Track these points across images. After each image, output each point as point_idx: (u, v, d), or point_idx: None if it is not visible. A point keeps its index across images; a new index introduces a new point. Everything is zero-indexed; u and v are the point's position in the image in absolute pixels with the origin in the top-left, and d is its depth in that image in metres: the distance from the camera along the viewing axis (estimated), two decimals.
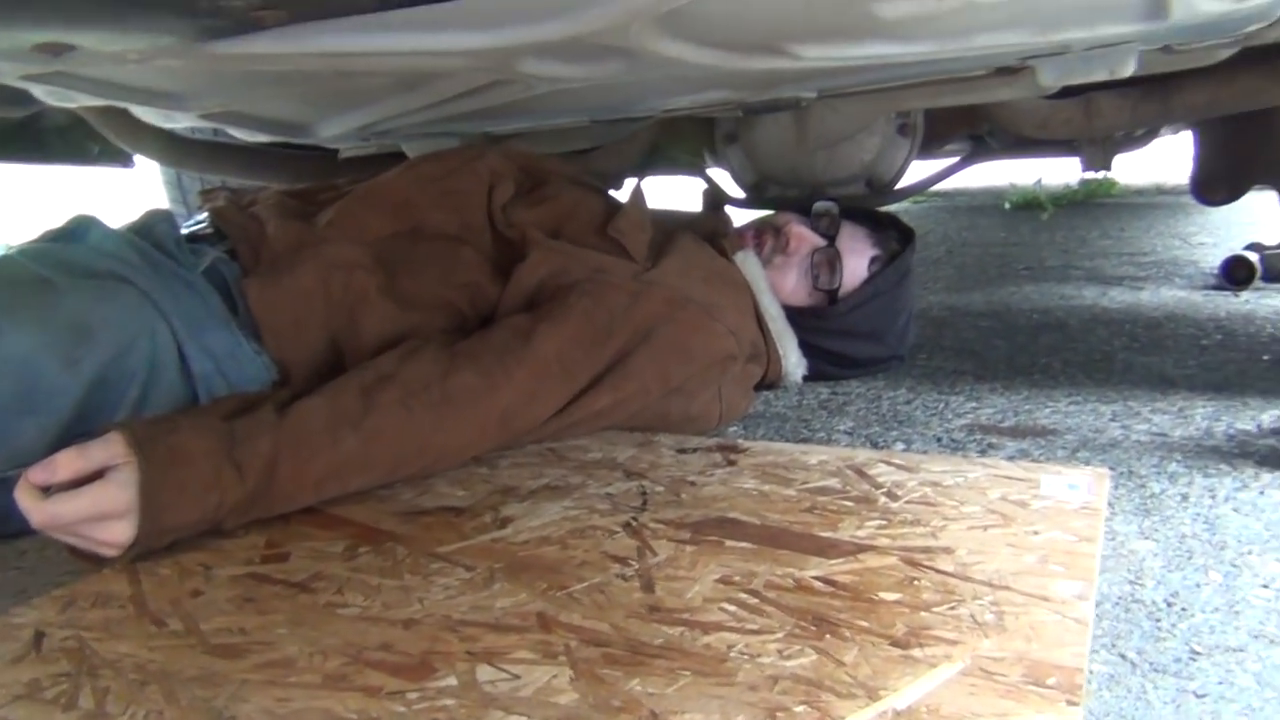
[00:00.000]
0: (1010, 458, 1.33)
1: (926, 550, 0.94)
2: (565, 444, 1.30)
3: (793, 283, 1.68)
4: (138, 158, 2.19)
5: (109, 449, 0.97)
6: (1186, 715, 0.75)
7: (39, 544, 1.15)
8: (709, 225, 1.69)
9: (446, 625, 0.84)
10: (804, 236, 1.68)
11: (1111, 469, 1.26)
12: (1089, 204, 4.82)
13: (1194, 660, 0.83)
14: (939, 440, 1.42)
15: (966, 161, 2.37)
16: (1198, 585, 0.96)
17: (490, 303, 1.38)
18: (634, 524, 1.03)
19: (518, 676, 0.76)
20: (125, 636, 0.84)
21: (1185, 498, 1.17)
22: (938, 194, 5.44)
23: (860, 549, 0.95)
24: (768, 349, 1.62)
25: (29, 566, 1.13)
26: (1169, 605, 0.92)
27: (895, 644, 0.78)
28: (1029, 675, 0.73)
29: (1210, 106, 1.63)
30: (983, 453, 1.36)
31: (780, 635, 0.80)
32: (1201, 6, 1.11)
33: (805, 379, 1.71)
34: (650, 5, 1.02)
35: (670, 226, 1.59)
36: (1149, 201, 4.77)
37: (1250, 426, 1.43)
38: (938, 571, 0.90)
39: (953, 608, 0.83)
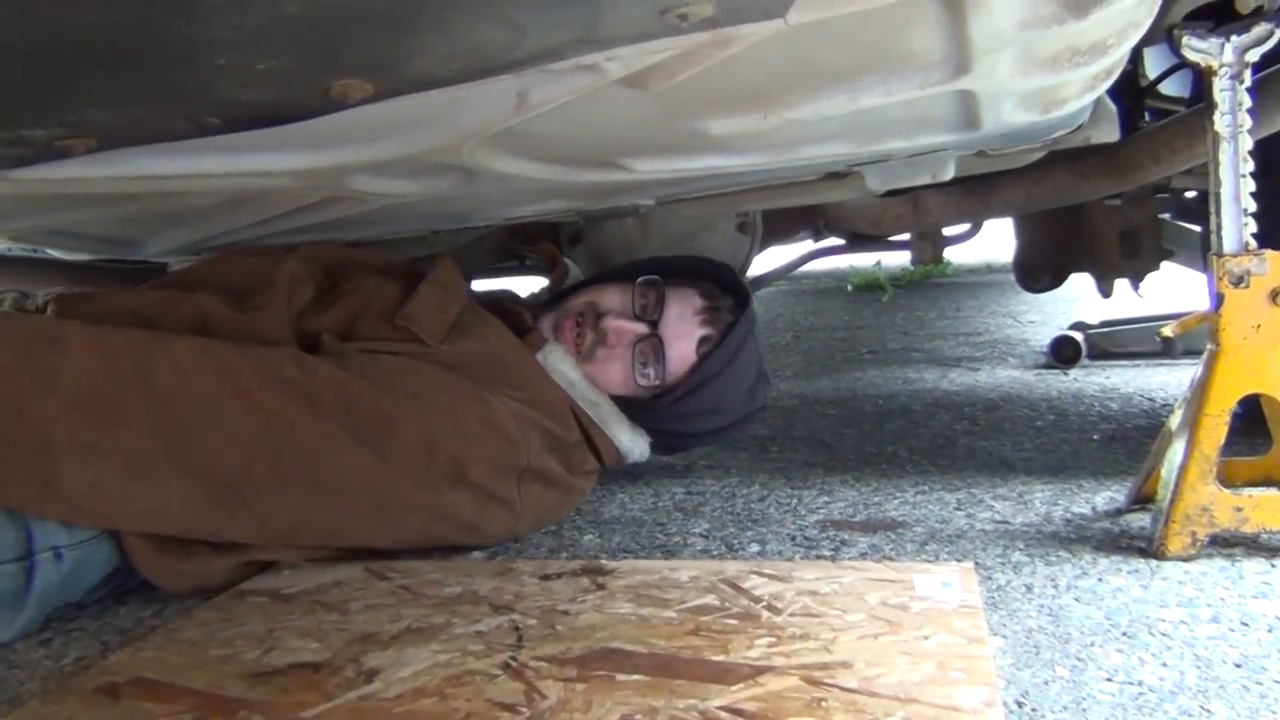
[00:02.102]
0: (863, 554, 1.34)
1: (824, 666, 0.93)
2: (420, 579, 1.24)
3: (616, 376, 1.62)
4: None
5: None
6: None
7: None
8: (515, 319, 1.62)
9: None
10: (623, 331, 1.60)
11: (960, 560, 1.28)
12: (926, 284, 5.03)
13: None
14: (793, 539, 1.43)
15: (809, 256, 2.45)
16: (1046, 682, 0.97)
17: None
18: (514, 664, 0.98)
19: None
20: None
21: (1029, 589, 1.19)
22: (785, 278, 5.60)
23: (758, 671, 0.93)
24: (591, 437, 1.60)
25: None
26: (1020, 706, 0.93)
27: None
28: None
29: (1028, 202, 1.72)
30: (835, 550, 1.36)
31: None
32: (1008, 118, 1.16)
33: (656, 453, 1.69)
34: (480, 127, 1.02)
35: (479, 310, 1.56)
36: (981, 280, 5.01)
37: (1086, 509, 1.48)
38: (842, 689, 0.89)
39: None
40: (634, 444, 1.63)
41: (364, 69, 0.82)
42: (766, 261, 2.50)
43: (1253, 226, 1.26)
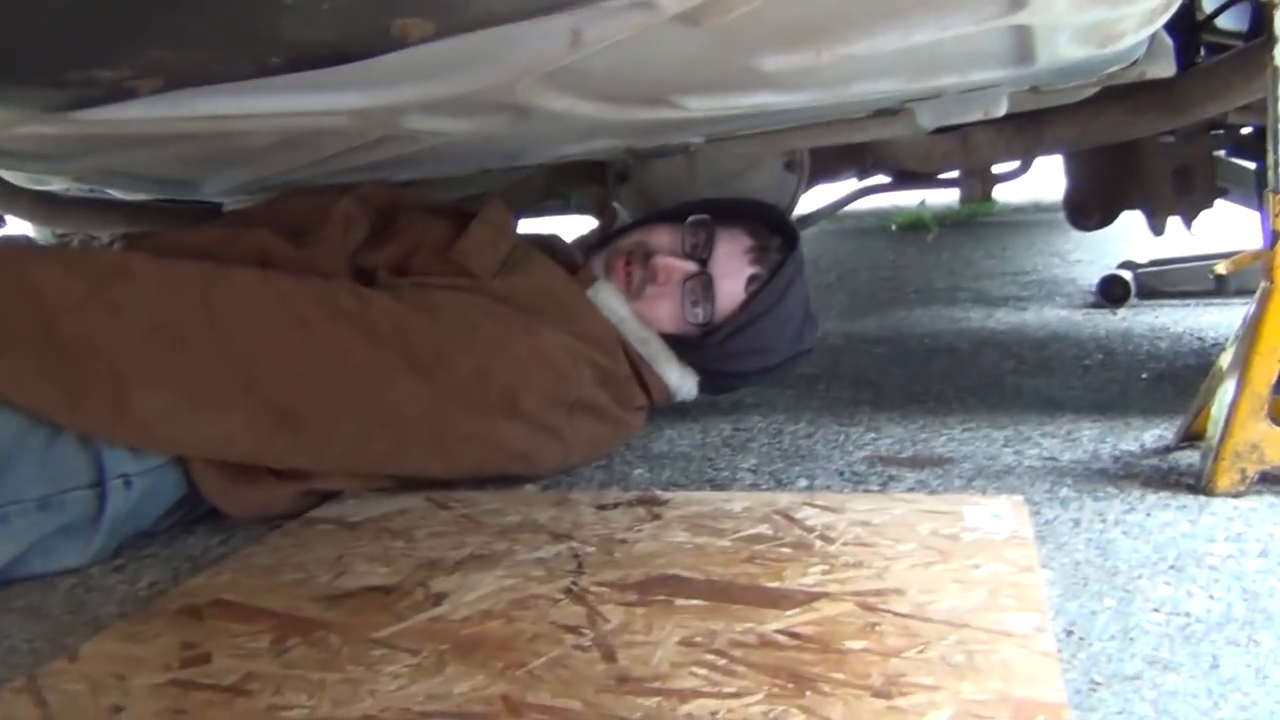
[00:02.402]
0: (910, 489, 1.35)
1: (878, 593, 0.95)
2: (480, 508, 1.28)
3: (664, 313, 1.64)
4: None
5: None
6: None
7: None
8: (566, 257, 1.65)
9: (406, 719, 0.79)
10: (673, 268, 1.62)
11: (1007, 495, 1.29)
12: (971, 223, 4.97)
13: (1094, 691, 0.85)
14: (841, 474, 1.45)
15: (856, 194, 2.43)
16: (1094, 613, 0.98)
17: None
18: (575, 589, 1.01)
19: None
20: None
21: (1077, 523, 1.21)
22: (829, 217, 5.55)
23: (812, 597, 0.95)
24: (641, 373, 1.62)
25: None
26: (1068, 634, 0.95)
27: (877, 695, 0.78)
28: (1017, 715, 0.74)
29: (1080, 139, 1.70)
30: (883, 485, 1.38)
31: (760, 696, 0.79)
32: (1064, 53, 1.15)
33: (704, 393, 1.71)
34: (535, 65, 1.03)
35: (530, 249, 1.58)
36: (1028, 219, 4.95)
37: (1134, 447, 1.48)
38: (896, 614, 0.91)
39: (921, 651, 0.84)
40: (682, 382, 1.66)
41: (425, 7, 0.84)
42: (813, 200, 2.50)
43: None
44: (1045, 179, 3.61)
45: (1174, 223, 2.33)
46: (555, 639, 0.91)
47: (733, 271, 1.63)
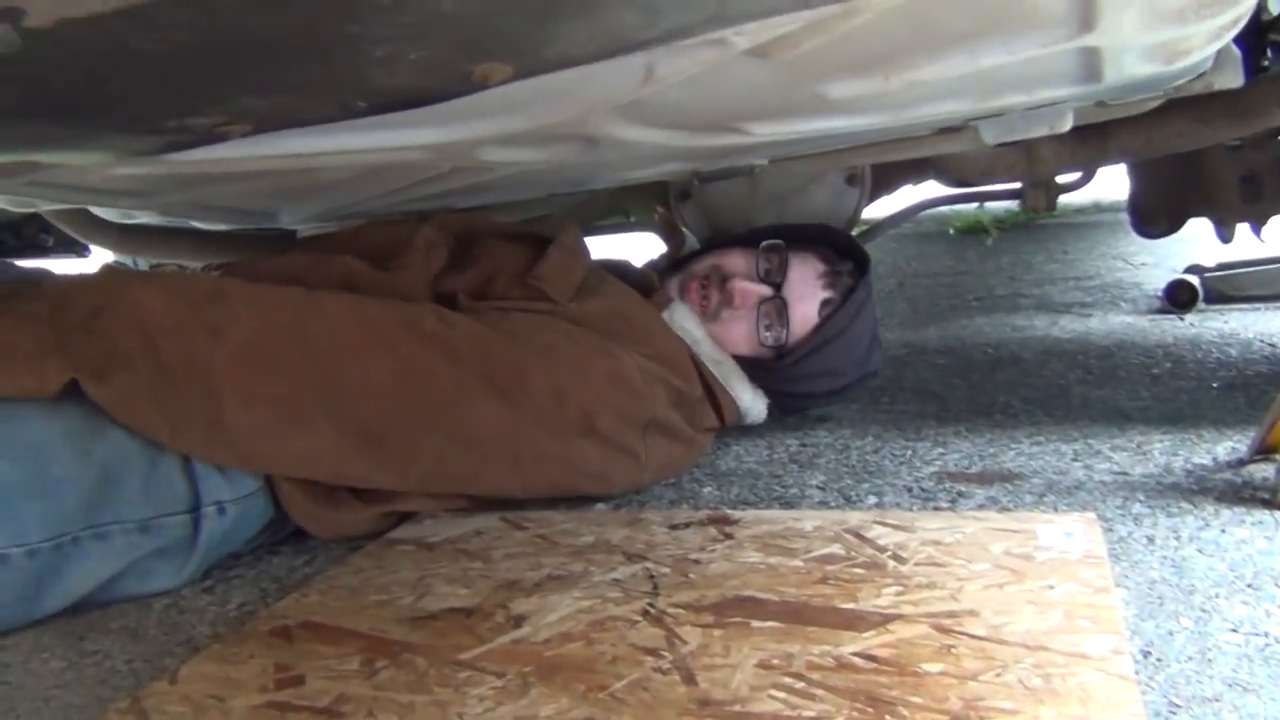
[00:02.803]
0: (980, 505, 1.36)
1: (952, 615, 0.96)
2: (554, 529, 1.31)
3: (739, 335, 1.69)
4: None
5: None
6: None
7: (23, 655, 1.14)
8: (641, 280, 1.69)
9: None
10: (748, 292, 1.67)
11: (1079, 512, 1.30)
12: (1031, 225, 4.93)
13: (1174, 714, 0.85)
14: (909, 491, 1.46)
15: (920, 206, 2.44)
16: (1170, 633, 0.99)
17: None
18: (652, 611, 1.03)
19: None
20: None
21: (1151, 540, 1.21)
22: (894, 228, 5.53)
23: (887, 619, 0.96)
24: (714, 394, 1.65)
25: (15, 681, 1.12)
26: (1145, 656, 0.95)
27: (955, 718, 0.79)
28: None
29: (1144, 149, 1.69)
30: (953, 501, 1.39)
31: None
32: (1131, 70, 1.16)
33: (772, 414, 1.74)
34: (607, 99, 1.05)
35: (605, 274, 1.62)
36: (1089, 220, 4.89)
37: (1206, 460, 1.47)
38: (971, 637, 0.92)
39: (998, 674, 0.85)
40: (754, 403, 1.69)
41: (505, 54, 0.87)
42: (878, 209, 2.51)
43: None
44: (1105, 179, 3.58)
45: (1243, 229, 2.31)
46: (635, 661, 0.93)
47: (807, 295, 1.68)
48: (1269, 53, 2.02)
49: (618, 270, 1.66)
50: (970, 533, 1.15)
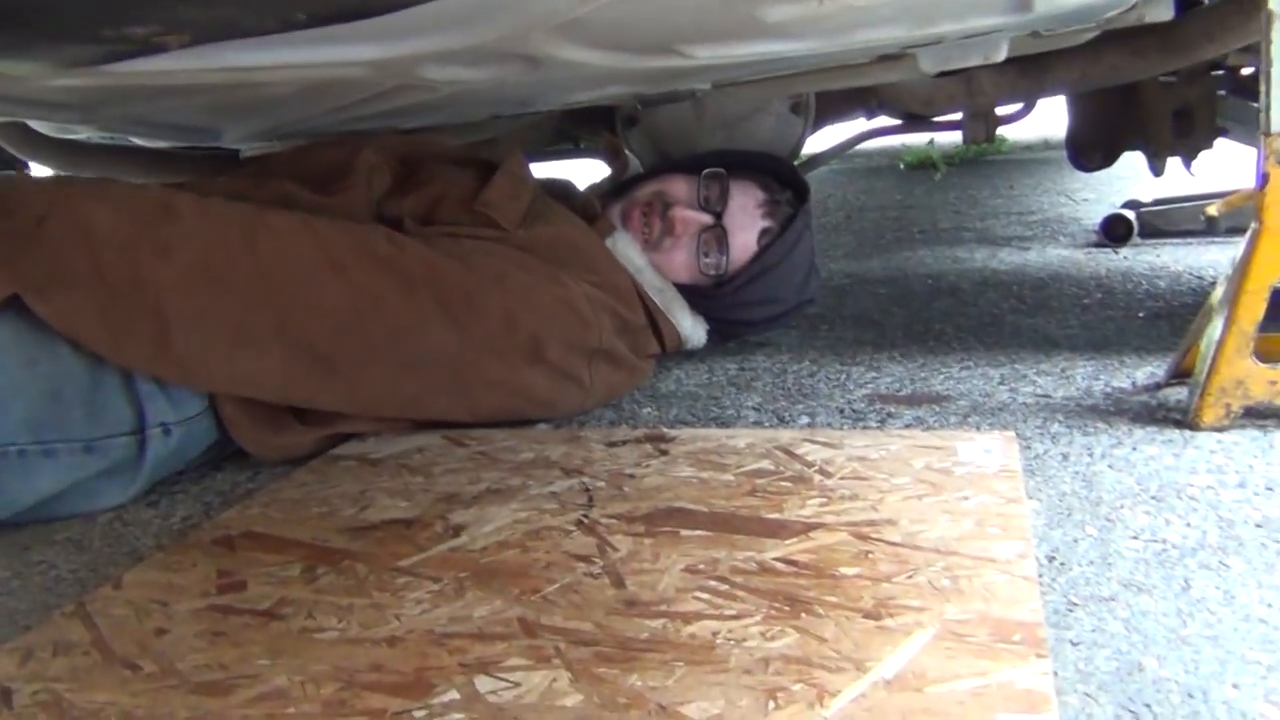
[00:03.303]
0: (908, 425, 1.41)
1: (871, 523, 1.01)
2: (495, 445, 1.34)
3: (680, 263, 1.71)
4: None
5: None
6: (1062, 663, 0.83)
7: None
8: (584, 206, 1.70)
9: (432, 640, 0.85)
10: (689, 220, 1.68)
11: (1000, 431, 1.35)
12: (980, 162, 4.98)
13: (1071, 611, 0.91)
14: (841, 412, 1.50)
15: (862, 137, 2.46)
16: (1075, 540, 1.04)
17: None
18: (586, 521, 1.07)
19: (518, 684, 0.77)
20: (100, 685, 0.82)
21: (1066, 457, 1.26)
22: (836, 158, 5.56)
23: (810, 528, 1.01)
24: (656, 321, 1.68)
25: None
26: (1050, 560, 1.01)
27: (867, 616, 0.84)
28: (996, 634, 0.80)
29: (1081, 81, 1.73)
30: (882, 422, 1.44)
31: (759, 618, 0.85)
32: (1061, 0, 1.19)
33: (712, 340, 1.78)
34: (547, 17, 1.07)
35: (550, 200, 1.63)
36: (1037, 157, 4.95)
37: (1126, 384, 1.53)
38: (888, 543, 0.97)
39: (910, 576, 0.90)
40: (694, 330, 1.73)
41: None
42: (820, 142, 2.53)
43: None
44: (1050, 115, 3.63)
45: (1175, 163, 2.36)
46: (567, 567, 0.97)
47: (746, 224, 1.71)
48: None
49: (561, 195, 1.67)
50: (894, 449, 1.20)
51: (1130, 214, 2.61)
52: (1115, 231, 2.59)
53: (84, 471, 1.25)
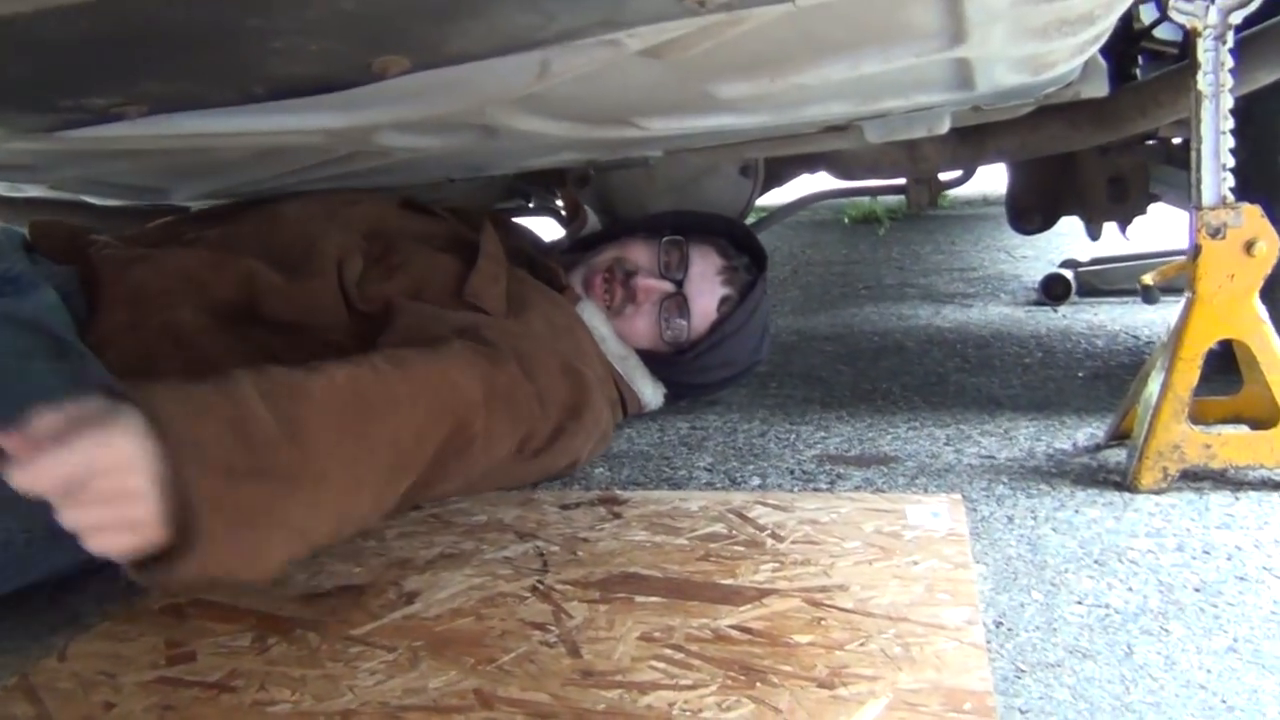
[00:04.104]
0: (857, 486, 1.43)
1: (824, 589, 1.03)
2: (447, 508, 1.34)
3: (642, 330, 1.72)
4: None
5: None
6: None
7: None
8: (549, 275, 1.68)
9: (386, 713, 0.85)
10: (651, 289, 1.69)
11: (947, 493, 1.38)
12: (922, 217, 5.07)
13: (1019, 678, 0.93)
14: (792, 472, 1.52)
15: (808, 199, 2.52)
16: (1022, 605, 1.07)
17: None
18: (541, 587, 1.07)
19: None
20: None
21: (1010, 519, 1.29)
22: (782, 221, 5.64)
23: (763, 593, 1.03)
24: (620, 390, 1.70)
25: None
26: (998, 626, 1.03)
27: (821, 685, 0.85)
28: (947, 703, 0.82)
29: (1021, 150, 1.79)
30: (832, 482, 1.46)
31: (714, 688, 0.86)
32: (1001, 80, 1.23)
33: (666, 399, 1.80)
34: (504, 92, 1.08)
35: (520, 274, 1.61)
36: (977, 213, 5.06)
37: (1067, 445, 1.57)
38: (840, 609, 0.98)
39: (862, 644, 0.92)
40: (654, 395, 1.75)
41: (404, 48, 0.89)
42: (769, 200, 2.58)
43: (1231, 181, 1.33)
44: (991, 176, 3.72)
45: (1111, 227, 2.44)
46: (523, 635, 0.97)
47: (706, 291, 1.73)
48: (1140, 60, 2.14)
49: (527, 263, 1.67)
50: (845, 512, 1.22)
51: (1068, 273, 2.68)
52: (1054, 290, 2.66)
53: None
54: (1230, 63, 1.30)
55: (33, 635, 1.12)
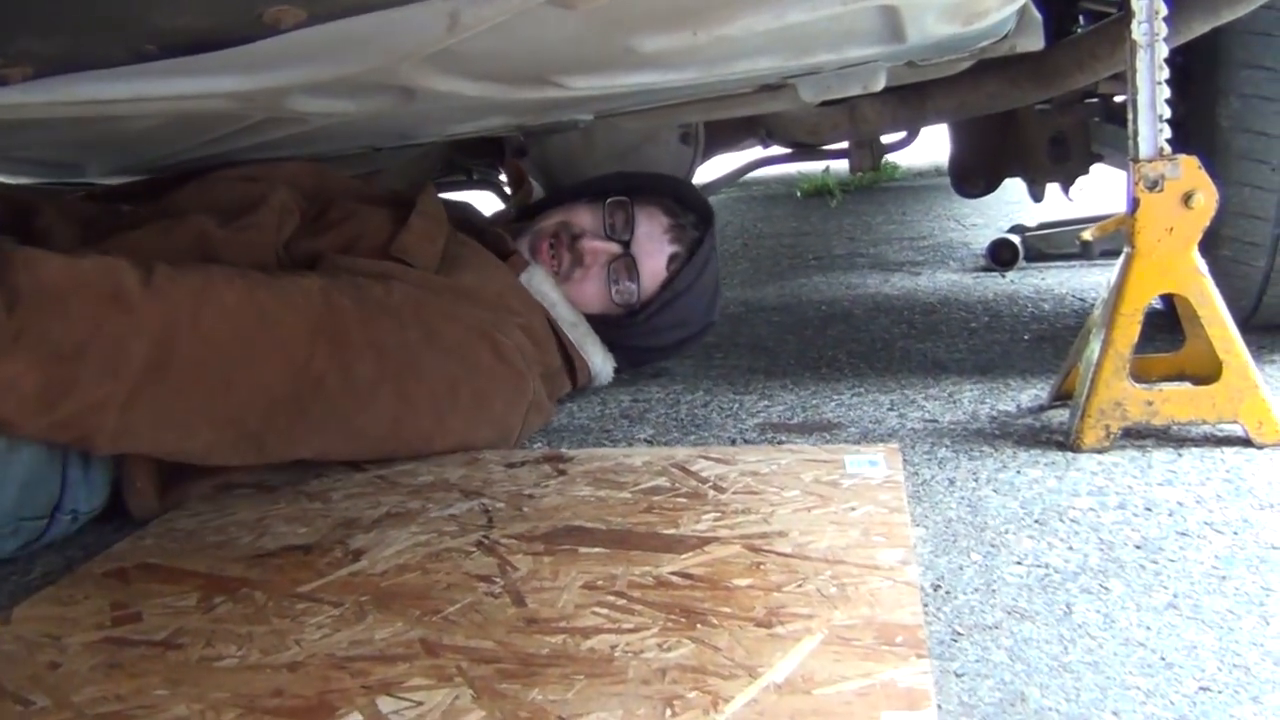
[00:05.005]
0: None
1: (764, 536, 1.03)
2: (393, 469, 1.32)
3: (592, 294, 1.69)
4: None
5: None
6: (947, 695, 0.82)
7: None
8: (495, 241, 1.65)
9: (333, 663, 0.84)
10: (598, 250, 1.67)
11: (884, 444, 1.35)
12: (874, 188, 5.07)
13: (955, 641, 0.90)
14: (733, 442, 1.49)
15: (751, 165, 2.48)
16: (960, 568, 1.04)
17: None
18: (486, 541, 1.07)
19: (420, 703, 0.78)
20: None
21: (952, 482, 1.27)
22: (736, 184, 5.61)
23: (704, 541, 1.02)
24: (570, 358, 1.65)
25: None
26: (935, 589, 1.00)
27: (759, 624, 0.86)
28: (880, 637, 0.83)
29: (961, 109, 1.76)
30: None
31: (655, 630, 0.86)
32: (932, 30, 1.20)
33: (620, 370, 1.76)
34: (415, 48, 1.04)
35: (462, 237, 1.59)
36: (928, 183, 5.06)
37: (1011, 407, 1.55)
38: (778, 554, 0.99)
39: (799, 585, 0.92)
40: (604, 366, 1.71)
41: None
42: (712, 170, 2.54)
43: (1168, 132, 1.31)
44: (944, 144, 3.71)
45: (1054, 189, 2.42)
46: (468, 587, 0.97)
47: (654, 251, 1.70)
48: (1080, 19, 2.12)
49: (473, 229, 1.63)
50: (785, 463, 1.22)
51: (1015, 238, 2.67)
52: (1001, 256, 2.64)
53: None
54: (1164, 10, 1.27)
55: None
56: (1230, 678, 0.82)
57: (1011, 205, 3.70)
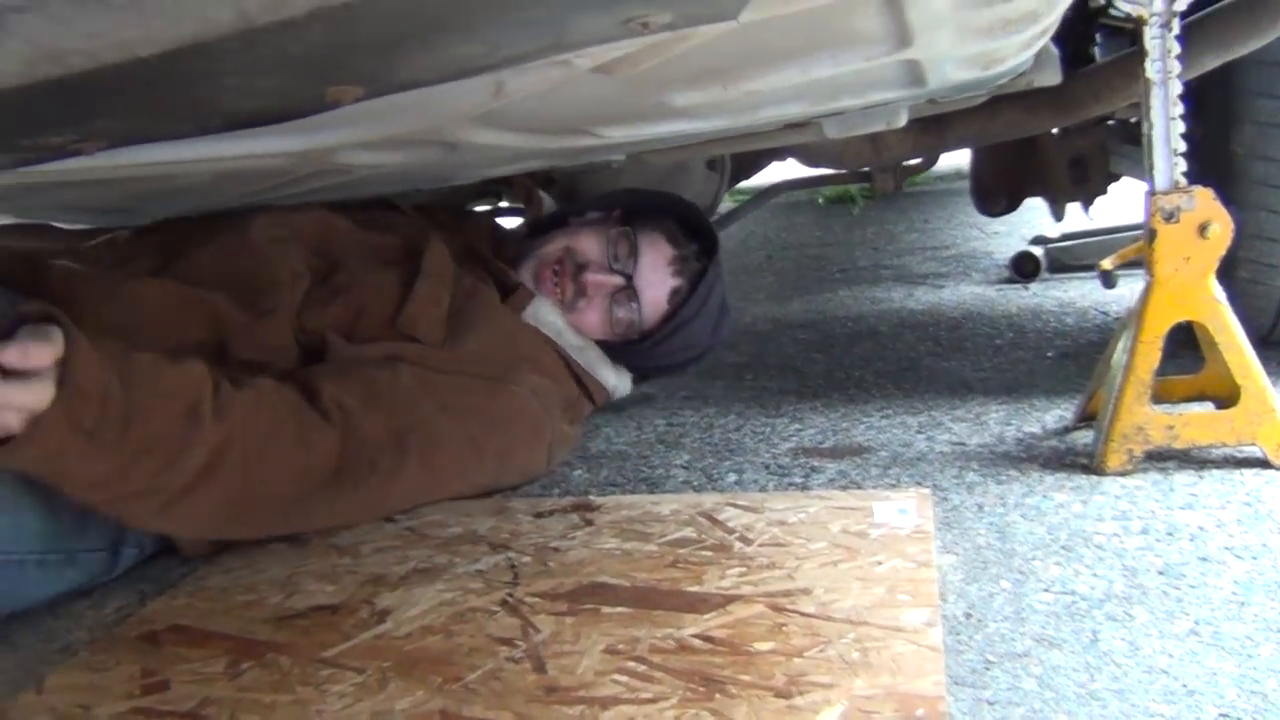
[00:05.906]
0: (831, 479, 1.45)
1: (787, 594, 1.04)
2: (423, 520, 1.36)
3: (594, 322, 1.71)
4: None
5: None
6: None
7: None
8: (499, 275, 1.68)
9: None
10: (600, 284, 1.69)
11: (919, 484, 1.40)
12: (896, 194, 5.08)
13: (988, 670, 0.95)
14: (767, 467, 1.54)
15: (775, 189, 2.53)
16: (991, 595, 1.09)
17: None
18: (510, 600, 1.09)
19: None
20: None
21: (981, 508, 1.32)
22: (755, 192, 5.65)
23: (728, 600, 1.04)
24: (584, 382, 1.70)
25: None
26: (968, 617, 1.05)
27: (778, 695, 0.87)
28: (900, 710, 0.83)
29: (981, 137, 1.80)
30: (806, 476, 1.48)
31: (674, 701, 0.88)
32: (952, 76, 1.25)
33: (635, 382, 1.82)
34: (461, 112, 1.09)
35: (467, 283, 1.61)
36: (951, 188, 5.08)
37: (1036, 428, 1.60)
38: (802, 614, 1.00)
39: (821, 650, 0.94)
40: (619, 381, 1.76)
41: (355, 79, 0.90)
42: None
43: (1183, 165, 1.36)
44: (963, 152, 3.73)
45: (1074, 207, 2.46)
46: (490, 651, 0.99)
47: (656, 283, 1.72)
48: (1098, 38, 2.16)
49: (479, 262, 1.68)
50: (813, 512, 1.24)
51: (1038, 250, 2.70)
52: (1024, 268, 2.68)
53: (64, 584, 1.27)
54: (1177, 49, 1.32)
55: (22, 666, 1.13)
56: (1249, 704, 0.87)
57: (1033, 213, 3.73)
